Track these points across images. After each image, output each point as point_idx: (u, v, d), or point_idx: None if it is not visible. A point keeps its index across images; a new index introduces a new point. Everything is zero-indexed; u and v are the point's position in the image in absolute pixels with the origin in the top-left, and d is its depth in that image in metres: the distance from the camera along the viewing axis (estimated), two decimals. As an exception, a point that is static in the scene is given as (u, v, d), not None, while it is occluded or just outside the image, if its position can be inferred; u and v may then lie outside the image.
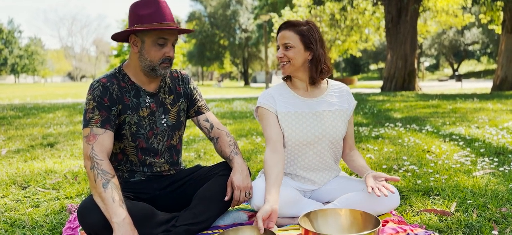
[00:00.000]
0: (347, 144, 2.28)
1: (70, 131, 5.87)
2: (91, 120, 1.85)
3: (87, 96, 1.90)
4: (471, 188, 2.55)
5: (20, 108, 10.26)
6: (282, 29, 2.10)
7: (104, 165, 1.77)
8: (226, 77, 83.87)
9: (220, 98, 14.92)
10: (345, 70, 63.84)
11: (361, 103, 10.18)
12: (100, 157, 1.78)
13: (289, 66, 2.09)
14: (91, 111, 1.85)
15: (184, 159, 3.79)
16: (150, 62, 1.91)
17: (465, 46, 46.76)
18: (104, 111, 1.86)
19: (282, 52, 2.08)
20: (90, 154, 1.78)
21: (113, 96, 1.90)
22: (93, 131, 1.82)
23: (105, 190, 1.70)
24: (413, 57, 17.46)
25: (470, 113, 7.05)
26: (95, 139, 1.81)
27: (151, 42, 1.89)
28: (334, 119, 2.16)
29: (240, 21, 48.60)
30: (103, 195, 1.69)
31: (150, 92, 1.99)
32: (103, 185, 1.71)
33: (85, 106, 1.90)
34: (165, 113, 2.03)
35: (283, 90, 2.18)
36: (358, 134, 5.02)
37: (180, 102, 2.09)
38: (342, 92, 2.24)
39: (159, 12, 1.87)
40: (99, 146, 1.80)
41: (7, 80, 77.06)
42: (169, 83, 2.08)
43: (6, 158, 3.91)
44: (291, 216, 2.05)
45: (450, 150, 3.79)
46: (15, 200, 2.58)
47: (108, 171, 1.76)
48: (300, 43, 2.06)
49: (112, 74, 1.96)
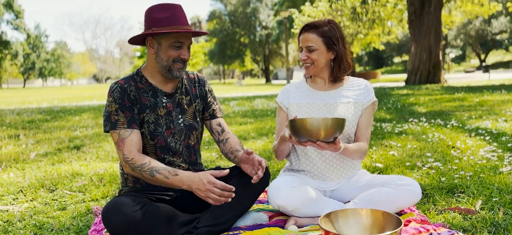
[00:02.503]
0: (356, 136, 2.18)
1: (96, 133, 6.02)
2: (118, 122, 1.92)
3: (108, 99, 1.96)
4: (498, 184, 2.48)
5: (48, 111, 10.57)
6: (304, 32, 2.13)
7: (137, 161, 1.87)
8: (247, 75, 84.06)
9: (241, 96, 14.96)
10: (368, 64, 62.99)
11: (385, 98, 10.03)
12: (131, 157, 1.88)
13: (313, 68, 2.14)
14: (115, 114, 1.92)
15: (206, 159, 3.83)
16: (165, 62, 1.97)
17: (493, 35, 45.36)
18: (128, 112, 1.93)
19: (306, 55, 2.12)
20: (124, 160, 1.89)
21: (131, 97, 1.96)
22: (121, 134, 1.90)
23: (155, 176, 1.84)
24: (437, 49, 17.06)
25: (497, 106, 6.85)
26: (123, 143, 1.90)
27: (168, 45, 1.95)
28: (346, 110, 2.15)
29: (260, 18, 48.57)
30: (156, 181, 1.86)
31: (167, 93, 2.04)
32: (150, 175, 1.85)
33: (107, 108, 1.96)
34: (182, 113, 2.07)
35: (301, 85, 2.27)
36: (381, 130, 4.95)
37: (196, 103, 2.14)
38: (360, 87, 2.21)
39: (175, 16, 1.93)
40: (128, 148, 1.89)
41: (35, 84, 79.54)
42: (186, 84, 2.13)
43: (35, 161, 4.04)
44: (311, 215, 2.05)
45: (476, 145, 3.70)
46: (43, 203, 2.66)
47: (142, 163, 1.86)
48: (323, 45, 2.09)
49: (130, 77, 2.02)
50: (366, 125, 2.18)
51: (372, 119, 2.22)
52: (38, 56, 66.14)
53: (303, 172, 2.23)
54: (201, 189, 1.80)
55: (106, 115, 1.95)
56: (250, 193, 2.06)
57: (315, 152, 2.18)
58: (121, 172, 2.09)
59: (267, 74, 50.96)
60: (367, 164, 3.24)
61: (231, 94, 17.32)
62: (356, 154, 2.09)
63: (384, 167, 3.12)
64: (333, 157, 2.18)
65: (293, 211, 2.02)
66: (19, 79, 72.50)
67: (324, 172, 2.20)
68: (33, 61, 64.89)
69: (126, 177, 2.05)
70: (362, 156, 2.15)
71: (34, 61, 64.99)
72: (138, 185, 2.04)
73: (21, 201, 2.74)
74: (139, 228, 1.78)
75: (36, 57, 65.65)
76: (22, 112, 10.64)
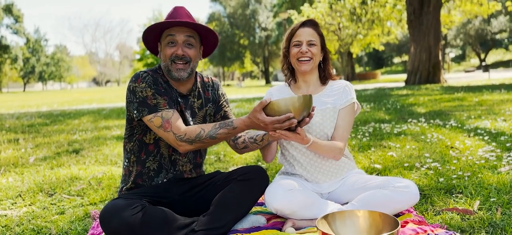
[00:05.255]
0: (332, 136, 2.15)
1: (95, 136, 6.02)
2: (158, 105, 1.90)
3: (139, 85, 1.91)
4: (496, 185, 2.48)
5: (47, 115, 10.58)
6: (305, 26, 2.15)
7: (191, 133, 1.86)
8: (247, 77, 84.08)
9: (241, 98, 14.97)
10: (368, 65, 63.01)
11: (384, 99, 10.03)
12: (183, 133, 1.86)
13: (310, 63, 2.15)
14: (153, 97, 1.90)
15: (205, 161, 3.83)
16: (164, 63, 2.00)
17: (492, 35, 45.38)
18: (165, 96, 1.93)
19: (307, 48, 2.12)
20: (177, 139, 1.87)
21: (163, 86, 1.98)
22: (164, 116, 1.88)
23: (216, 138, 1.87)
24: (437, 49, 17.07)
25: (496, 106, 6.85)
26: (170, 124, 1.88)
27: (164, 44, 1.99)
28: (322, 117, 2.15)
29: (260, 20, 48.61)
30: (219, 140, 1.88)
31: (182, 94, 2.06)
32: (211, 139, 1.86)
33: (138, 94, 1.91)
34: (192, 116, 2.09)
35: (283, 89, 2.30)
36: (380, 131, 4.96)
37: (207, 107, 2.16)
38: (339, 90, 2.21)
39: (174, 14, 1.98)
40: (176, 127, 1.87)
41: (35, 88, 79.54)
42: (199, 88, 2.15)
43: (34, 165, 4.04)
44: (309, 218, 2.05)
45: (474, 145, 3.70)
46: (42, 207, 2.66)
47: (197, 133, 1.86)
48: (319, 43, 2.16)
49: (154, 70, 2.04)
50: (343, 125, 2.15)
51: (351, 120, 2.17)
52: (38, 60, 66.21)
53: (298, 175, 2.24)
54: (267, 129, 1.81)
55: (140, 101, 1.90)
56: (249, 197, 2.06)
57: (303, 156, 2.20)
58: (126, 166, 2.07)
59: (266, 76, 50.97)
60: (365, 165, 3.24)
61: (231, 96, 17.33)
62: (327, 151, 2.06)
63: (382, 168, 3.12)
64: (320, 160, 2.19)
65: (290, 214, 2.02)
66: (19, 83, 72.56)
67: (314, 176, 2.21)
68: (32, 65, 64.96)
69: (131, 171, 2.04)
70: (337, 156, 2.11)
71: (33, 65, 65.06)
72: (140, 180, 2.04)
73: (19, 205, 2.74)
74: (137, 231, 1.78)
75: (36, 61, 65.72)
76: (22, 116, 10.65)
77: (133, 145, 2.04)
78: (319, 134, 2.15)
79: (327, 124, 2.15)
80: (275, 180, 2.26)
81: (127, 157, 2.08)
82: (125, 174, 2.10)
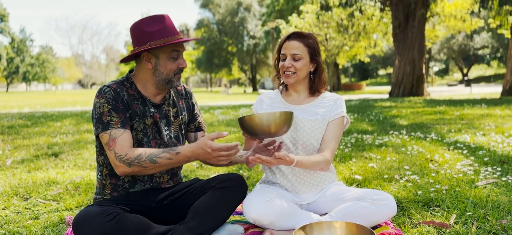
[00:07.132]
0: (320, 147, 2.15)
1: (76, 140, 5.93)
2: (111, 122, 1.86)
3: (99, 101, 1.89)
4: (472, 198, 2.51)
5: (29, 117, 10.38)
6: (290, 39, 2.14)
7: (132, 155, 1.82)
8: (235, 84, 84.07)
9: (226, 105, 14.93)
10: (354, 76, 63.60)
11: (368, 110, 10.12)
12: (124, 153, 1.82)
13: (294, 77, 2.14)
14: (108, 114, 1.87)
15: (186, 168, 3.80)
16: (166, 76, 1.97)
17: (475, 50, 46.31)
18: (121, 113, 1.89)
19: (290, 63, 2.11)
20: (117, 158, 1.82)
21: (124, 101, 1.93)
22: (112, 134, 1.84)
23: (157, 162, 1.82)
24: (421, 63, 17.36)
25: (477, 120, 6.97)
26: (114, 143, 1.84)
27: (166, 57, 1.95)
28: (311, 128, 2.15)
29: (248, 28, 48.71)
30: (160, 166, 1.83)
31: (155, 104, 2.03)
32: (151, 162, 1.82)
33: (97, 110, 1.88)
34: (168, 125, 2.06)
35: (275, 97, 2.28)
36: (361, 142, 4.99)
37: (182, 116, 2.14)
38: (330, 102, 2.21)
39: (167, 27, 1.93)
40: (120, 146, 1.83)
41: (18, 88, 78.15)
42: (173, 96, 2.12)
43: (11, 168, 3.95)
44: (287, 228, 2.04)
45: (453, 159, 3.75)
46: (15, 212, 2.60)
47: (138, 154, 1.82)
48: (307, 55, 2.13)
49: (121, 82, 1.99)
50: (331, 136, 2.15)
51: (339, 132, 2.18)
52: (22, 60, 65.11)
53: (278, 184, 2.23)
54: (210, 158, 1.80)
55: (97, 118, 1.88)
56: (227, 205, 2.04)
57: (285, 166, 2.19)
58: (99, 179, 2.04)
59: (254, 83, 51.05)
60: (345, 176, 3.26)
61: (217, 103, 17.29)
62: (314, 166, 2.05)
63: (362, 179, 3.14)
64: (303, 171, 2.18)
65: (268, 224, 2.01)
66: (2, 83, 71.23)
67: (295, 185, 2.21)
68: (17, 65, 63.85)
69: (105, 184, 2.01)
70: (325, 167, 2.11)
71: (18, 65, 63.95)
72: (116, 193, 2.00)
73: (-8, 209, 2.67)
74: (111, 239, 1.74)
75: (20, 61, 64.61)
76: (2, 117, 10.44)
77: (105, 158, 2.00)
78: (306, 144, 2.15)
79: (315, 134, 2.15)
80: (255, 189, 2.25)
81: (99, 170, 2.04)
82: (99, 187, 2.06)
